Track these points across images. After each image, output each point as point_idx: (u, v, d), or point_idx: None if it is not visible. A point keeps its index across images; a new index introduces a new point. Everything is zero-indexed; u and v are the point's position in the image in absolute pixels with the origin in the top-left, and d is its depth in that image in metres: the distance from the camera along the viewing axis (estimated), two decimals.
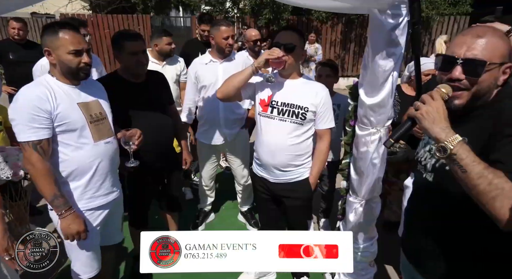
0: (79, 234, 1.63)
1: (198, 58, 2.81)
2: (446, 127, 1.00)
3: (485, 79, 1.04)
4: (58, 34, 1.55)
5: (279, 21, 9.42)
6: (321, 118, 2.01)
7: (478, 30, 1.06)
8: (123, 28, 9.59)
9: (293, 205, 2.13)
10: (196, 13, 11.27)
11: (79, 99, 1.66)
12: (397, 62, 1.65)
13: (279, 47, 1.87)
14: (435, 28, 9.54)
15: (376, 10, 1.57)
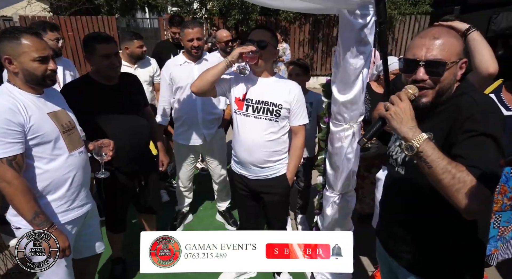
0: (64, 251, 1.53)
1: (172, 59, 2.79)
2: (413, 126, 1.07)
3: (446, 77, 1.12)
4: (20, 40, 1.43)
5: (248, 21, 9.47)
6: (295, 115, 2.05)
7: (434, 32, 1.14)
8: (87, 30, 9.26)
9: (271, 200, 2.17)
10: (163, 14, 11.09)
11: (47, 109, 1.57)
12: (367, 60, 1.73)
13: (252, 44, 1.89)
14: (397, 27, 9.99)
15: (346, 10, 1.64)
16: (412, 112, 1.10)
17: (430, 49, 1.11)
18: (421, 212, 1.24)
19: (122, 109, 2.10)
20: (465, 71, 1.59)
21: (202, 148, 2.90)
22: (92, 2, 10.99)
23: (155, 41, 9.25)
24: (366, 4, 1.58)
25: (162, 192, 3.64)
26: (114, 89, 2.09)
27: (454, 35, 1.14)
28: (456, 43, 1.12)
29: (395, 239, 1.37)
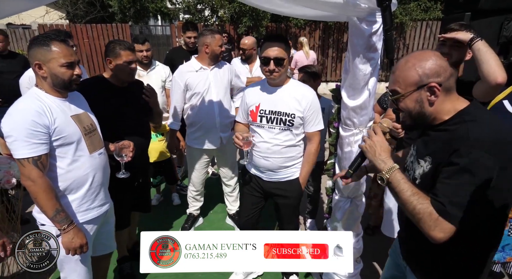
0: (82, 247, 1.61)
1: (184, 65, 2.84)
2: (385, 158, 1.21)
3: (407, 104, 1.19)
4: (50, 47, 1.52)
5: (259, 28, 9.57)
6: (308, 122, 2.07)
7: (397, 64, 1.21)
8: (102, 37, 9.49)
9: (284, 203, 2.21)
10: (174, 21, 11.29)
11: (71, 112, 1.66)
12: (376, 66, 1.76)
13: (268, 62, 1.93)
14: (408, 33, 9.95)
15: (355, 17, 1.68)
16: (385, 144, 1.24)
17: (390, 82, 1.24)
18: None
19: (129, 110, 2.19)
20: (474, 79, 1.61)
21: (216, 151, 2.96)
22: (106, 10, 11.29)
23: (167, 48, 9.43)
24: (374, 12, 1.62)
25: (174, 195, 3.70)
26: (124, 90, 2.20)
27: (412, 65, 1.15)
28: (411, 74, 1.15)
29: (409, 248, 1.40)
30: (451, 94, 1.16)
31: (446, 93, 1.15)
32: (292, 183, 2.16)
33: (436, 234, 1.06)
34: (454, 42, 1.75)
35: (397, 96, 1.20)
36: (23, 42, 9.57)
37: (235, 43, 7.57)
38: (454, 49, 1.77)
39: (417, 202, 1.09)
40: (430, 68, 1.13)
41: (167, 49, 8.06)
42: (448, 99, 1.16)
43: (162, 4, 11.46)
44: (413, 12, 9.59)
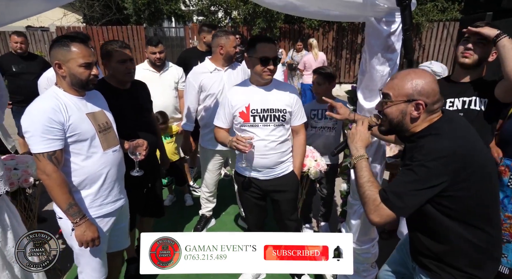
0: (94, 240, 1.65)
1: (199, 67, 2.84)
2: (359, 146, 1.40)
3: (391, 112, 1.31)
4: (70, 48, 1.58)
5: (273, 29, 9.56)
6: (295, 116, 2.16)
7: (399, 73, 1.33)
8: (118, 39, 9.66)
9: (283, 198, 2.22)
10: (188, 23, 11.39)
11: (87, 110, 1.71)
12: (394, 67, 1.72)
13: (268, 62, 1.95)
14: (425, 34, 9.77)
15: (373, 18, 1.65)
16: (365, 135, 1.42)
17: (386, 86, 1.35)
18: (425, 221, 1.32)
19: (133, 113, 2.19)
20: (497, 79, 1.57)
21: (230, 152, 2.95)
22: (122, 12, 11.48)
23: (180, 49, 9.52)
24: (393, 12, 1.58)
25: (186, 196, 3.72)
26: (127, 93, 2.20)
27: (411, 78, 1.27)
28: (407, 85, 1.27)
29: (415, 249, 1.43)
30: (431, 115, 1.29)
31: (428, 114, 1.29)
32: (289, 176, 2.21)
33: (374, 218, 1.24)
34: (479, 39, 1.69)
35: (387, 100, 1.31)
36: (42, 44, 9.84)
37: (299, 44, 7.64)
38: (478, 46, 1.71)
39: (368, 188, 1.29)
40: (423, 88, 1.25)
41: (181, 51, 8.14)
42: (427, 118, 1.29)
43: (176, 6, 11.58)
44: (430, 13, 9.40)
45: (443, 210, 1.24)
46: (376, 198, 1.24)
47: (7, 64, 3.94)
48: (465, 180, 1.19)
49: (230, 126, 2.18)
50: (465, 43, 1.74)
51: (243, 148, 1.92)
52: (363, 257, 2.19)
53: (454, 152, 1.18)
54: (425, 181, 1.18)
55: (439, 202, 1.23)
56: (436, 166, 1.17)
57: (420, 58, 9.87)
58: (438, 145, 1.20)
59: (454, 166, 1.17)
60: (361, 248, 2.16)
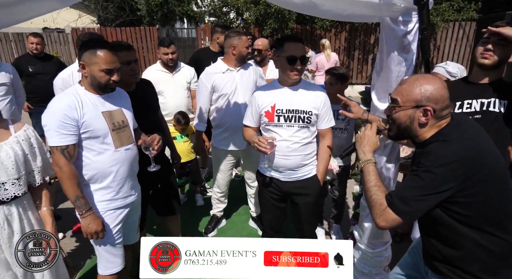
0: (97, 233, 1.73)
1: (211, 67, 2.85)
2: (366, 150, 1.42)
3: (400, 116, 1.31)
4: (96, 52, 1.67)
5: (284, 30, 9.53)
6: (322, 119, 2.11)
7: (408, 79, 1.33)
8: (130, 40, 9.79)
9: (304, 201, 2.18)
10: (200, 24, 11.46)
11: (103, 108, 1.77)
12: (410, 67, 1.69)
13: (295, 61, 1.94)
14: (440, 34, 9.59)
15: (388, 18, 1.62)
16: (373, 139, 1.44)
17: (395, 90, 1.34)
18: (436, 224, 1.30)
19: (142, 114, 2.19)
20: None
21: (242, 152, 2.95)
22: (135, 13, 11.63)
23: (192, 50, 9.59)
24: (409, 11, 1.55)
25: (198, 196, 3.74)
26: (133, 94, 2.18)
27: (421, 84, 1.26)
28: (415, 91, 1.26)
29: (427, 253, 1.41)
30: (440, 121, 1.28)
31: (436, 120, 1.28)
32: (311, 180, 2.17)
33: (380, 222, 1.25)
34: (499, 39, 1.64)
35: (395, 105, 1.31)
36: (58, 45, 10.04)
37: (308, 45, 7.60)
38: (498, 47, 1.65)
39: (374, 192, 1.30)
40: (432, 94, 1.24)
41: (192, 52, 8.19)
42: (436, 124, 1.28)
43: (189, 7, 11.66)
44: (446, 12, 9.22)
45: (453, 215, 1.22)
46: (382, 202, 1.25)
47: (24, 65, 4.03)
48: (474, 186, 1.17)
49: (257, 125, 2.17)
50: (484, 44, 1.69)
51: (263, 149, 1.92)
52: (375, 260, 2.16)
53: (462, 157, 1.17)
54: (431, 187, 1.18)
55: (448, 207, 1.21)
56: (442, 172, 1.17)
57: (435, 59, 9.69)
58: (445, 151, 1.20)
59: (461, 172, 1.16)
60: (374, 251, 2.13)
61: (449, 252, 1.29)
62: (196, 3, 11.86)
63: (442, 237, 1.30)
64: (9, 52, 9.70)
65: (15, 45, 9.66)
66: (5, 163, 1.54)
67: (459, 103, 1.76)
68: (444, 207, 1.22)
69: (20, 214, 1.63)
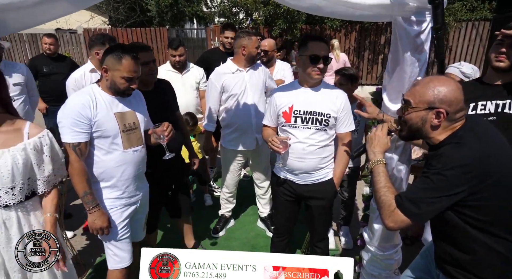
0: (102, 229, 1.78)
1: (221, 67, 2.85)
2: (377, 151, 1.42)
3: (413, 117, 1.29)
4: (121, 60, 1.72)
5: (293, 30, 9.51)
6: (341, 122, 2.06)
7: (422, 80, 1.31)
8: (141, 40, 9.88)
9: (318, 205, 2.16)
10: (210, 25, 11.51)
11: (116, 109, 1.82)
12: (422, 68, 1.66)
13: (318, 60, 1.91)
14: (452, 35, 9.44)
15: (400, 17, 1.60)
16: (384, 140, 1.43)
17: (408, 91, 1.33)
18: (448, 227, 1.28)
19: (159, 113, 2.20)
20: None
21: (251, 152, 2.95)
22: (145, 14, 11.73)
23: (202, 51, 9.63)
24: (423, 11, 1.53)
25: (206, 196, 3.75)
26: (151, 94, 2.22)
27: (434, 86, 1.24)
28: (428, 93, 1.24)
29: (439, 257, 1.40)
30: (453, 124, 1.25)
31: (450, 123, 1.25)
32: (326, 184, 2.13)
33: (388, 223, 1.25)
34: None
35: (408, 106, 1.30)
36: (70, 45, 10.20)
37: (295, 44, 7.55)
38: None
39: (383, 193, 1.29)
40: (446, 96, 1.22)
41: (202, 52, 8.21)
42: (449, 127, 1.26)
43: (198, 8, 11.72)
44: (458, 12, 9.07)
45: (465, 219, 1.20)
46: (391, 203, 1.24)
47: (39, 65, 4.13)
48: (487, 189, 1.15)
49: (276, 125, 2.16)
50: (498, 47, 1.65)
51: (276, 149, 1.91)
52: (385, 263, 2.13)
53: (475, 160, 1.15)
54: (441, 190, 1.17)
55: (460, 211, 1.19)
56: (453, 175, 1.15)
57: (447, 59, 9.53)
58: (457, 153, 1.18)
59: (473, 175, 1.14)
60: (384, 254, 2.10)
61: (461, 256, 1.27)
62: (205, 4, 11.92)
63: (454, 241, 1.28)
64: (23, 52, 9.90)
65: (29, 46, 9.86)
66: (1, 171, 1.48)
67: (472, 104, 1.72)
68: (456, 210, 1.20)
69: (19, 218, 1.58)
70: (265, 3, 9.61)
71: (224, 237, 3.15)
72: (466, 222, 1.20)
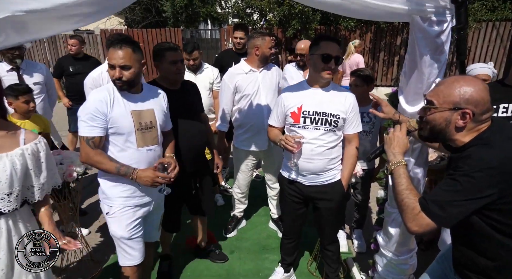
0: (153, 179, 1.81)
1: (234, 68, 2.85)
2: (397, 152, 1.36)
3: (434, 118, 1.25)
4: (109, 49, 1.77)
5: (308, 31, 9.45)
6: (349, 124, 2.05)
7: (446, 80, 1.26)
8: (156, 41, 10.00)
9: (326, 206, 2.13)
10: (224, 25, 11.56)
11: (134, 107, 1.82)
12: (441, 69, 1.62)
13: (330, 60, 1.89)
14: (471, 35, 9.20)
15: (418, 17, 1.56)
16: (403, 141, 1.38)
17: (431, 92, 1.29)
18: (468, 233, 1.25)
19: (186, 113, 2.23)
20: None
21: (263, 153, 2.95)
22: (160, 15, 11.88)
23: (216, 51, 9.68)
24: (444, 10, 1.49)
25: (218, 196, 3.75)
26: (177, 93, 2.23)
27: (461, 85, 1.18)
28: (454, 93, 1.19)
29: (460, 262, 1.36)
30: (479, 125, 1.21)
31: (475, 124, 1.20)
32: (335, 185, 2.11)
33: (412, 227, 1.20)
34: None
35: (430, 106, 1.25)
36: (87, 46, 10.39)
37: (283, 46, 7.48)
38: None
39: (406, 195, 1.24)
40: (472, 96, 1.17)
41: (216, 53, 8.24)
42: (474, 128, 1.21)
43: (212, 9, 11.79)
44: (478, 12, 8.83)
45: (492, 224, 1.15)
46: (415, 206, 1.19)
47: (65, 65, 4.38)
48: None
49: (282, 125, 2.15)
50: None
51: (290, 148, 1.90)
52: (400, 268, 2.09)
53: (505, 161, 1.10)
54: (469, 192, 1.12)
55: (487, 215, 1.14)
56: (482, 177, 1.10)
57: (465, 60, 9.30)
58: (486, 154, 1.13)
59: (503, 178, 1.09)
60: (399, 258, 2.06)
61: (484, 262, 1.22)
62: (220, 5, 11.98)
63: (477, 246, 1.23)
64: (42, 53, 10.15)
65: (48, 46, 10.09)
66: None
67: (494, 107, 1.67)
68: (482, 214, 1.15)
69: (9, 229, 1.48)
70: (280, 4, 9.59)
71: (235, 237, 3.15)
72: (492, 226, 1.16)
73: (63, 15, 1.39)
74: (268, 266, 2.73)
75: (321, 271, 2.63)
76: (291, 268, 2.55)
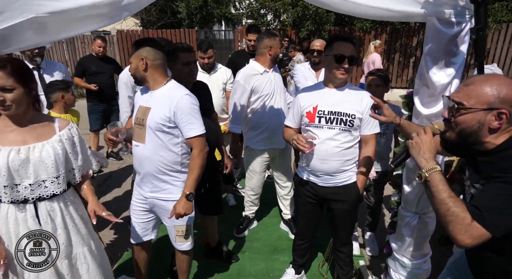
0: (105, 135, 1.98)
1: (248, 69, 2.82)
2: (428, 157, 1.21)
3: (465, 120, 1.15)
4: None
5: (321, 32, 9.40)
6: (366, 124, 2.02)
7: (475, 79, 1.17)
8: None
9: (340, 208, 2.11)
10: (237, 26, 11.61)
11: (146, 103, 1.93)
12: (458, 71, 1.59)
13: (343, 60, 1.90)
14: (491, 37, 8.97)
15: (435, 18, 1.54)
16: (432, 144, 1.24)
17: (457, 92, 1.19)
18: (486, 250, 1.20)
19: None
20: None
21: (279, 151, 2.95)
22: (175, 16, 12.02)
23: (229, 52, 9.73)
24: (462, 11, 1.46)
25: (230, 196, 3.77)
26: None
27: (493, 84, 1.11)
28: (487, 92, 1.11)
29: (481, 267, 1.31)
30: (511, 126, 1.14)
31: (509, 125, 1.13)
32: (350, 187, 2.08)
33: (464, 239, 1.06)
34: None
35: (460, 107, 1.16)
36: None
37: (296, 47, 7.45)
38: None
39: (453, 204, 1.10)
40: (508, 94, 1.10)
41: (230, 53, 8.28)
42: (507, 129, 1.14)
43: (227, 9, 11.86)
44: (498, 13, 8.60)
45: None
46: (465, 216, 1.07)
47: (87, 64, 4.54)
48: None
49: (298, 126, 2.15)
50: None
51: (302, 148, 1.89)
52: (413, 273, 2.06)
53: None
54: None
55: None
56: None
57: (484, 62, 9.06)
58: None
59: None
60: (412, 263, 2.03)
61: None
62: (234, 6, 12.04)
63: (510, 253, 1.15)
64: (60, 53, 10.41)
65: (66, 47, 10.34)
66: (46, 162, 1.53)
67: None
68: None
69: (61, 209, 1.63)
70: (294, 5, 9.57)
71: (247, 237, 3.16)
72: None
73: (83, 16, 1.43)
74: (279, 267, 2.72)
75: (332, 274, 2.61)
76: (302, 270, 2.54)
